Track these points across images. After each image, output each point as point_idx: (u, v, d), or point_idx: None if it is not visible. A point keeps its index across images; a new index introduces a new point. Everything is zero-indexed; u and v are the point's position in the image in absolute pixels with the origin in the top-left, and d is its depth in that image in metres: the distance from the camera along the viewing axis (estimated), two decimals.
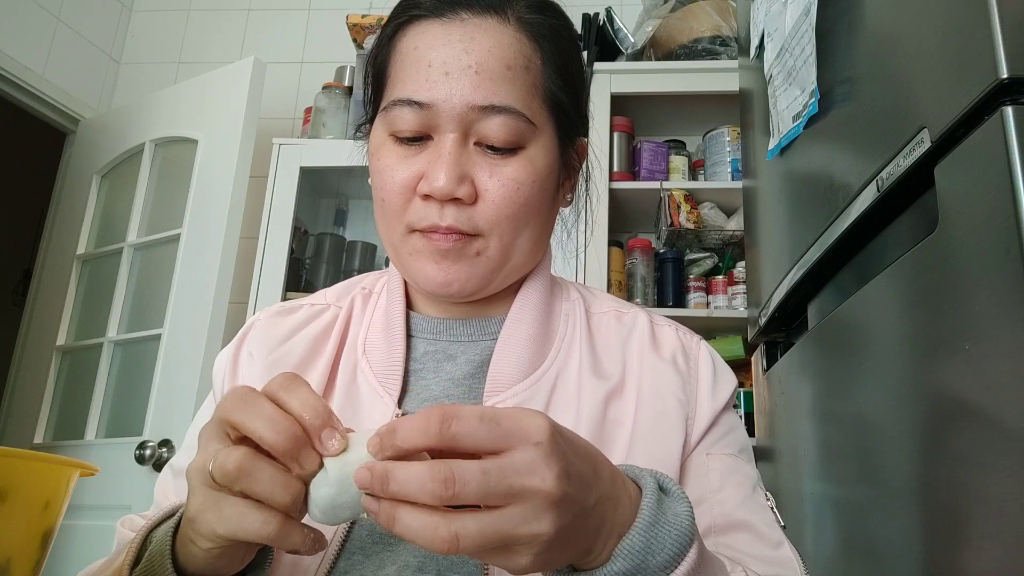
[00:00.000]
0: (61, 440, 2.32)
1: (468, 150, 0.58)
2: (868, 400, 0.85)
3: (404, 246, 0.61)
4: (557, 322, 0.67)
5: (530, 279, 0.67)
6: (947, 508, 0.67)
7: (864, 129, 0.86)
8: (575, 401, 0.62)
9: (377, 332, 0.66)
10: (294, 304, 0.71)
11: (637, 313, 0.70)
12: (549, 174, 0.61)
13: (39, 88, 2.55)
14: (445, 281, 0.59)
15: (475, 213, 0.58)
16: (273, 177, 2.27)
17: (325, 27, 2.84)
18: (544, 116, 0.61)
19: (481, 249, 0.59)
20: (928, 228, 0.70)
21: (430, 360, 0.64)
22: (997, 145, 0.60)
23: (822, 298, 1.06)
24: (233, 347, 0.68)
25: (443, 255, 0.59)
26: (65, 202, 2.63)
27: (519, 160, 0.59)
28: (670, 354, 0.66)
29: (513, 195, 0.58)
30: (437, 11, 0.60)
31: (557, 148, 0.63)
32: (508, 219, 0.59)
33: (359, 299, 0.70)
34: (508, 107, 0.57)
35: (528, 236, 0.61)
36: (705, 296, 2.18)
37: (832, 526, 0.95)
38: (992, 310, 0.60)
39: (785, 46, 1.10)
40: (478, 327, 0.66)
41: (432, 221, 0.58)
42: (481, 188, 0.58)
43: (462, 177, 0.57)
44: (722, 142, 2.22)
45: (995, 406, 0.60)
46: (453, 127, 0.57)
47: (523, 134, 0.59)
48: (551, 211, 0.65)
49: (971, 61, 0.63)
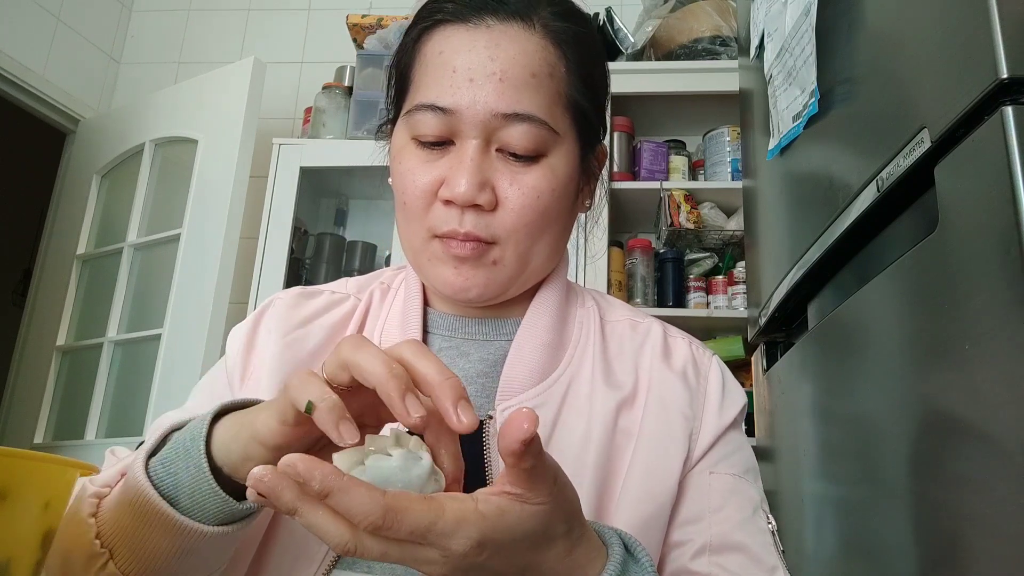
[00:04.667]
0: (61, 440, 2.32)
1: (490, 156, 0.58)
2: (868, 400, 0.85)
3: (425, 251, 0.61)
4: (571, 329, 0.67)
5: (547, 284, 0.67)
6: (946, 508, 0.67)
7: (864, 129, 0.86)
8: (587, 409, 0.61)
9: (394, 327, 0.66)
10: (315, 290, 0.71)
11: (651, 324, 0.70)
12: (569, 182, 0.61)
13: (39, 88, 2.55)
14: (464, 287, 0.59)
15: (494, 220, 0.58)
16: (273, 177, 2.27)
17: (325, 27, 2.84)
18: (566, 124, 0.61)
19: (498, 258, 0.60)
20: (928, 228, 0.70)
21: (444, 356, 0.64)
22: (997, 145, 0.60)
23: (822, 298, 1.06)
24: (251, 322, 0.68)
25: (461, 260, 0.59)
26: (65, 202, 2.63)
27: (540, 168, 0.59)
28: (680, 366, 0.66)
29: (533, 203, 0.58)
30: (463, 16, 0.59)
31: (578, 155, 0.63)
32: (526, 227, 0.59)
33: (377, 293, 0.70)
34: (531, 115, 0.57)
35: (545, 243, 0.62)
36: (705, 296, 2.18)
37: (832, 526, 0.95)
38: (992, 310, 0.60)
39: (785, 46, 1.10)
40: (493, 327, 0.66)
41: (452, 227, 0.58)
42: (501, 196, 0.58)
43: (483, 184, 0.57)
44: (722, 142, 2.22)
45: (994, 406, 0.60)
46: (476, 133, 0.57)
47: (545, 142, 0.59)
48: (569, 218, 0.65)
49: (971, 61, 0.63)
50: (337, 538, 0.38)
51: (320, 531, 0.38)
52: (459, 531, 0.38)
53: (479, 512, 0.39)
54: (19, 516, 0.35)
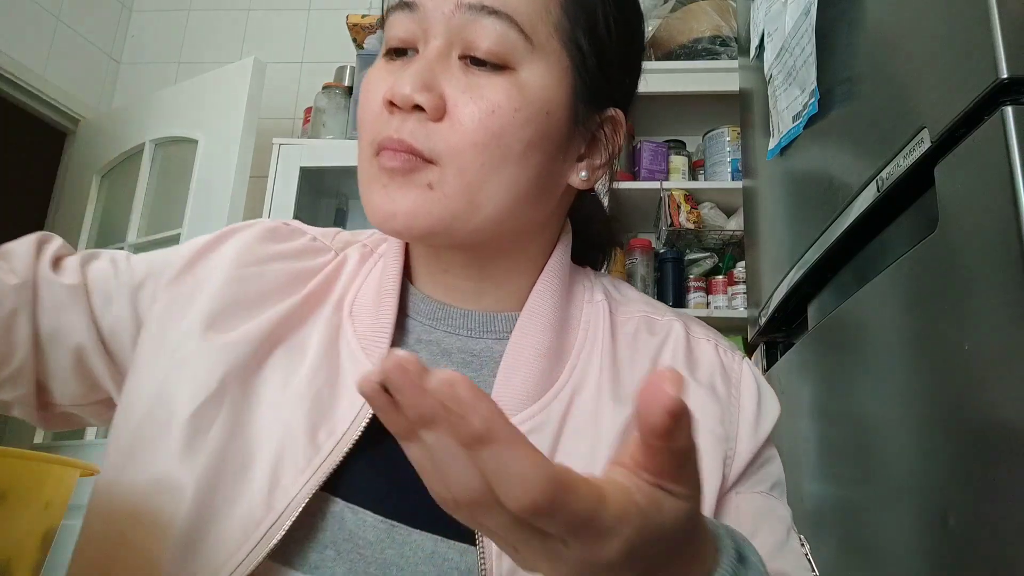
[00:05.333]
0: (61, 440, 2.31)
1: (450, 62, 0.50)
2: (868, 400, 0.85)
3: (365, 171, 0.52)
4: (575, 332, 0.57)
5: (545, 275, 0.57)
6: (946, 508, 0.67)
7: (864, 129, 0.86)
8: (591, 428, 0.52)
9: (365, 303, 0.57)
10: (298, 229, 0.62)
11: (672, 323, 0.59)
12: (545, 115, 0.50)
13: (39, 88, 2.55)
14: (388, 211, 0.49)
15: (436, 131, 0.48)
16: (273, 177, 2.27)
17: (325, 27, 2.84)
18: (551, 45, 0.51)
19: (435, 181, 0.49)
20: (928, 228, 0.70)
21: (423, 351, 0.56)
22: (997, 145, 0.60)
23: (822, 298, 1.06)
24: (214, 239, 0.59)
25: (390, 176, 0.49)
26: (65, 202, 2.63)
27: (504, 80, 0.49)
28: (708, 377, 0.56)
29: (484, 118, 0.48)
30: None
31: (566, 92, 0.52)
32: (474, 147, 0.48)
33: (355, 256, 0.61)
34: (498, 10, 0.49)
35: (503, 183, 0.50)
36: (705, 296, 2.18)
37: (831, 526, 0.95)
38: (991, 310, 0.60)
39: (785, 46, 1.10)
40: (481, 323, 0.56)
41: (387, 133, 0.49)
42: (451, 104, 0.48)
43: (428, 85, 0.48)
44: (722, 142, 2.22)
45: (993, 406, 0.60)
46: (439, 32, 0.49)
47: (514, 49, 0.49)
48: (550, 170, 0.53)
49: (971, 61, 0.63)
50: (471, 484, 0.28)
51: (452, 464, 0.28)
52: (616, 529, 0.29)
53: (639, 507, 0.30)
54: (19, 516, 0.35)
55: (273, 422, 0.50)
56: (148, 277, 0.56)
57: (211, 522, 0.46)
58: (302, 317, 0.55)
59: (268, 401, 0.51)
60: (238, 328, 0.53)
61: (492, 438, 0.27)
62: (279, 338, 0.54)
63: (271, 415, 0.50)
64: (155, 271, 0.57)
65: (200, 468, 0.47)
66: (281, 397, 0.51)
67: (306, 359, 0.53)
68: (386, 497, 0.49)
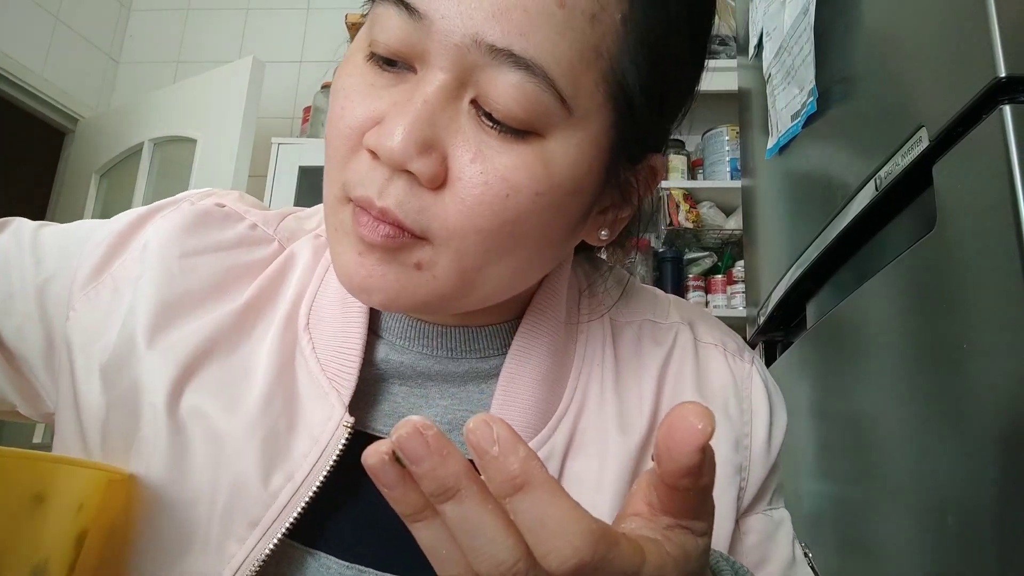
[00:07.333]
0: None
1: (458, 108, 0.37)
2: (866, 399, 0.85)
3: (333, 215, 0.41)
4: (571, 350, 0.49)
5: (542, 292, 0.49)
6: (944, 507, 0.67)
7: (862, 128, 0.86)
8: (596, 459, 0.46)
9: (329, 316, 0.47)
10: (233, 213, 0.50)
11: (678, 328, 0.52)
12: (571, 192, 0.39)
13: (38, 87, 2.55)
14: (363, 284, 0.39)
15: (432, 205, 0.37)
16: (272, 176, 2.28)
17: (324, 26, 2.84)
18: (593, 100, 0.38)
19: (425, 262, 0.39)
20: (926, 227, 0.70)
21: (394, 372, 0.47)
22: (995, 144, 0.60)
23: (821, 297, 1.06)
24: (133, 224, 0.48)
25: (368, 247, 0.38)
26: (64, 202, 2.64)
27: (527, 151, 0.37)
28: (720, 394, 0.50)
29: (495, 200, 0.37)
30: None
31: (603, 159, 0.40)
32: (477, 233, 0.37)
33: (308, 251, 0.50)
34: (531, 62, 0.35)
35: (508, 265, 0.40)
36: (704, 295, 2.18)
37: (830, 525, 0.95)
38: (990, 309, 0.60)
39: (784, 45, 1.10)
40: (464, 341, 0.47)
41: (366, 193, 0.37)
42: (453, 172, 0.37)
43: (429, 144, 0.36)
44: (721, 141, 2.23)
45: (992, 405, 0.60)
46: (445, 63, 0.36)
47: (544, 113, 0.36)
48: (561, 243, 0.43)
49: (969, 59, 0.63)
50: (500, 556, 0.25)
51: (477, 537, 0.26)
52: None
53: (673, 559, 0.28)
54: (56, 518, 0.36)
55: (216, 458, 0.42)
56: (59, 272, 0.47)
57: (164, 571, 0.41)
58: (243, 330, 0.46)
59: (206, 432, 0.43)
60: (165, 340, 0.45)
61: (531, 483, 0.25)
62: (212, 354, 0.45)
63: (212, 450, 0.42)
64: (67, 266, 0.47)
65: (146, 511, 0.42)
66: (225, 427, 0.43)
67: (253, 384, 0.44)
68: (353, 540, 0.44)
